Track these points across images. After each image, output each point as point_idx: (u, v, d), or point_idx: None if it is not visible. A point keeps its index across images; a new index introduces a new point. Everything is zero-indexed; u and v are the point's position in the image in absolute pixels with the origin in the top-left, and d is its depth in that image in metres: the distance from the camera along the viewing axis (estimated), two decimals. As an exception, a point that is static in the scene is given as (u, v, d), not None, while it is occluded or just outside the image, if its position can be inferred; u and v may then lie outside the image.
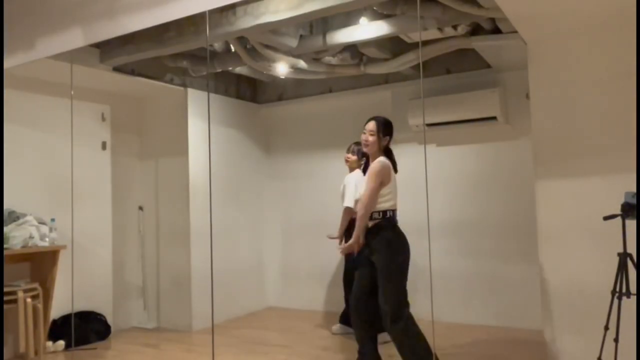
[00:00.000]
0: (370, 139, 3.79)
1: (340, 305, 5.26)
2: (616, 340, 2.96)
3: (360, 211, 3.70)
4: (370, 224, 3.72)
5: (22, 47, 3.92)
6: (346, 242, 3.86)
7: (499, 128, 5.20)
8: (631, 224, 2.99)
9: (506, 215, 5.16)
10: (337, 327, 5.20)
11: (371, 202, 3.67)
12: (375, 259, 3.67)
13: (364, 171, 3.97)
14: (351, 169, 5.01)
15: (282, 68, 5.04)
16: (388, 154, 3.87)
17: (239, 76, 6.24)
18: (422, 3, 3.79)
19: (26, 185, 4.69)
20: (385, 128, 3.83)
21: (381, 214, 3.72)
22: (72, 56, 4.15)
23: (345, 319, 5.06)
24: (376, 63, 4.99)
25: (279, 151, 6.60)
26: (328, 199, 5.87)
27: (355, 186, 4.75)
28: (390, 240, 3.67)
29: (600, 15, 3.37)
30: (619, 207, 3.00)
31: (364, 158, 4.30)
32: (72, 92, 4.58)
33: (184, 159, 5.54)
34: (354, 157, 4.97)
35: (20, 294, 4.30)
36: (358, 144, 4.80)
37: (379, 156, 3.80)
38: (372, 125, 3.82)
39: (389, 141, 3.86)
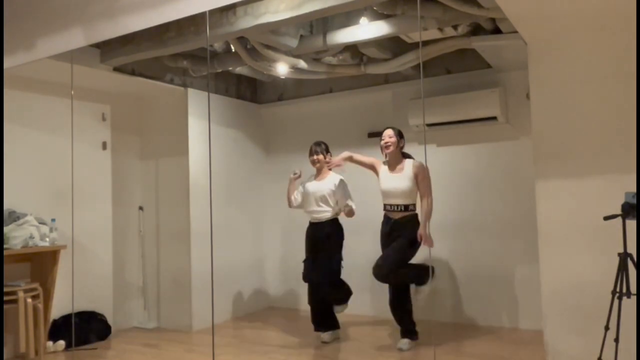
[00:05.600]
0: (392, 140, 4.55)
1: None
2: (616, 340, 2.96)
3: (431, 209, 4.45)
4: (406, 214, 4.52)
5: (22, 47, 3.92)
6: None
7: (499, 128, 5.19)
8: (631, 224, 2.99)
9: (506, 215, 5.15)
10: (328, 335, 4.90)
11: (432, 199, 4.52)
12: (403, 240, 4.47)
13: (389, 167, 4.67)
14: (319, 170, 4.98)
15: (282, 68, 5.04)
16: (405, 154, 4.66)
17: (239, 76, 6.24)
18: (423, 3, 3.78)
19: (26, 185, 4.69)
20: (400, 133, 4.63)
21: (414, 206, 4.59)
22: (72, 56, 4.14)
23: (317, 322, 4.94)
24: (376, 63, 4.99)
25: (279, 151, 6.59)
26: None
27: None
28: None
29: (600, 16, 3.36)
30: (619, 207, 3.00)
31: (329, 155, 4.99)
32: (73, 92, 4.58)
33: (184, 159, 5.54)
34: (321, 156, 4.92)
35: (21, 294, 4.30)
36: (318, 144, 4.97)
37: (400, 156, 4.63)
38: (390, 131, 4.59)
39: (404, 144, 4.66)
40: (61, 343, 4.81)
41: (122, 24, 3.42)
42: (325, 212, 4.85)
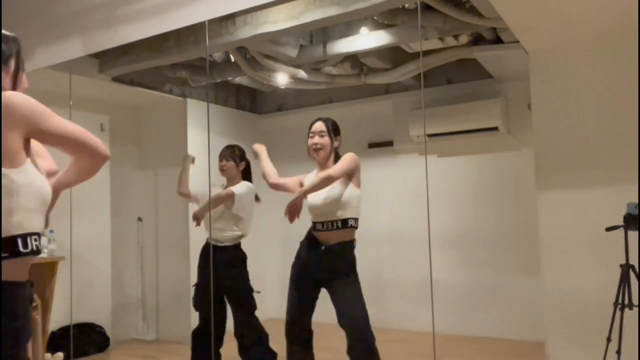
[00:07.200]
0: (323, 140, 3.30)
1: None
2: (618, 352, 2.93)
3: (325, 178, 3.11)
4: (344, 239, 3.24)
5: (21, 57, 3.92)
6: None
7: (500, 138, 5.17)
8: (633, 235, 2.96)
9: (508, 226, 5.13)
10: None
11: (339, 176, 3.11)
12: (342, 273, 3.27)
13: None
14: (229, 179, 4.16)
15: (282, 78, 5.04)
16: (338, 159, 3.27)
17: (239, 86, 6.24)
18: (423, 13, 3.78)
19: (25, 195, 4.66)
20: (335, 127, 3.35)
21: (357, 221, 3.25)
22: (70, 66, 4.14)
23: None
24: (377, 73, 4.98)
25: (279, 162, 6.49)
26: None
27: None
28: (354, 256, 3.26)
29: (602, 26, 3.36)
30: (621, 218, 2.97)
31: (243, 162, 3.99)
32: (71, 103, 4.57)
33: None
34: (231, 163, 4.09)
35: (18, 306, 4.26)
36: (229, 147, 4.11)
37: (333, 161, 3.31)
38: (321, 126, 3.32)
39: (340, 143, 3.38)
40: (60, 355, 4.77)
41: (120, 33, 3.42)
42: (230, 232, 4.14)
